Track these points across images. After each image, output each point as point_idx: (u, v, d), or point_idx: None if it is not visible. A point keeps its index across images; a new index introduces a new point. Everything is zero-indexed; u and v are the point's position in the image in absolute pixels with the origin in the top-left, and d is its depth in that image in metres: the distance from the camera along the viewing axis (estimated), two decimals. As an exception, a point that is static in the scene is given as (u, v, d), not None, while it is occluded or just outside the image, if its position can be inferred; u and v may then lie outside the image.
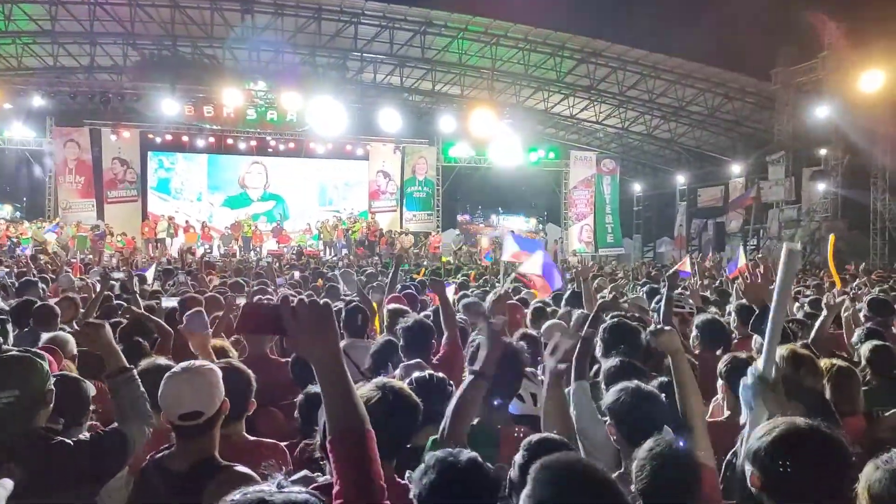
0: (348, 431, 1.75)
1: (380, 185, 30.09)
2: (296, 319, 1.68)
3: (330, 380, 1.78)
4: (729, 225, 31.34)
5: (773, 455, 1.91)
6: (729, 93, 28.29)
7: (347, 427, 1.75)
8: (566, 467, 1.57)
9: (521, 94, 30.10)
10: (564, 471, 1.57)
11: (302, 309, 1.69)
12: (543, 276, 8.60)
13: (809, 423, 1.97)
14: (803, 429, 1.93)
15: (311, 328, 1.70)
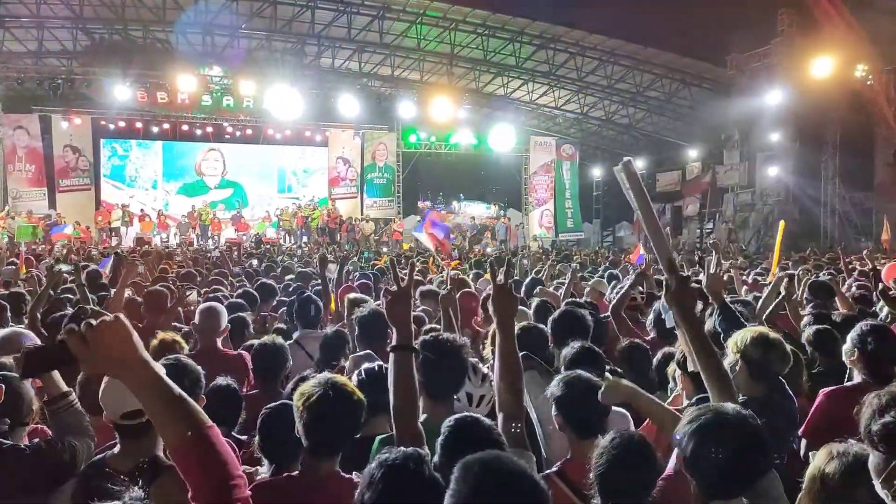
0: (186, 441, 1.63)
1: (339, 171, 29.84)
2: (87, 346, 1.55)
3: (147, 394, 1.65)
4: (686, 209, 31.82)
5: (695, 441, 1.94)
6: (685, 78, 28.63)
7: (184, 436, 1.63)
8: (488, 466, 1.55)
9: (481, 79, 30.07)
10: (486, 470, 1.54)
11: (91, 334, 1.56)
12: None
13: (736, 411, 2.02)
14: (728, 419, 1.97)
15: (105, 350, 1.58)
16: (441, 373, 2.98)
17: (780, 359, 3.16)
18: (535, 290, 7.34)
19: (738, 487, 1.93)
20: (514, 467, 1.55)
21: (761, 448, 1.94)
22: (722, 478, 1.92)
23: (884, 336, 3.67)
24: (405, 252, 20.86)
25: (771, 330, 3.40)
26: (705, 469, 1.93)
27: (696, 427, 1.95)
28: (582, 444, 2.81)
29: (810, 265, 11.42)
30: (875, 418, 1.74)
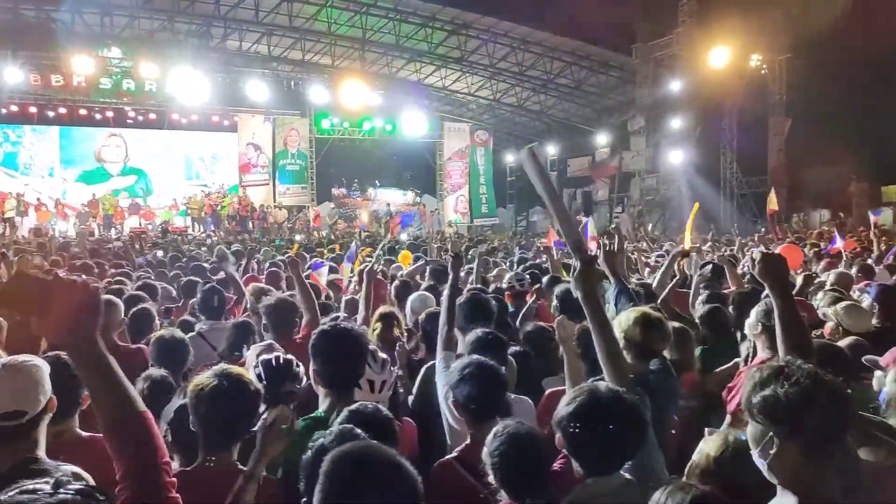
0: (121, 421, 1.66)
1: (250, 157, 29.10)
2: (51, 301, 1.50)
3: (88, 370, 1.65)
4: (596, 194, 32.69)
5: (572, 422, 2.00)
6: (594, 66, 29.30)
7: (119, 416, 1.66)
8: (357, 458, 1.53)
9: (394, 64, 29.89)
10: (355, 461, 1.53)
11: (61, 290, 1.52)
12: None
13: (610, 390, 2.10)
14: (602, 396, 2.05)
15: (65, 312, 1.53)
16: (340, 362, 2.97)
17: (660, 338, 3.29)
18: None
19: (615, 463, 2.01)
20: (386, 459, 1.54)
21: (635, 424, 2.02)
22: (599, 454, 1.99)
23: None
24: (323, 240, 20.59)
25: (652, 310, 3.54)
26: (583, 447, 2.00)
27: (573, 408, 2.02)
28: (479, 428, 2.86)
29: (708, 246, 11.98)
30: (755, 391, 1.82)
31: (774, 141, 26.57)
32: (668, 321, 3.93)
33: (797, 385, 1.76)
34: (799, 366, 1.83)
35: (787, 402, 1.76)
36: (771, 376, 1.81)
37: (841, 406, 1.80)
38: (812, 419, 1.75)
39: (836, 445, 1.81)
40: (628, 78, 29.05)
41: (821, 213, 26.81)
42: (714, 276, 6.45)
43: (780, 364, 1.85)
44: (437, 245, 14.52)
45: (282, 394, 3.09)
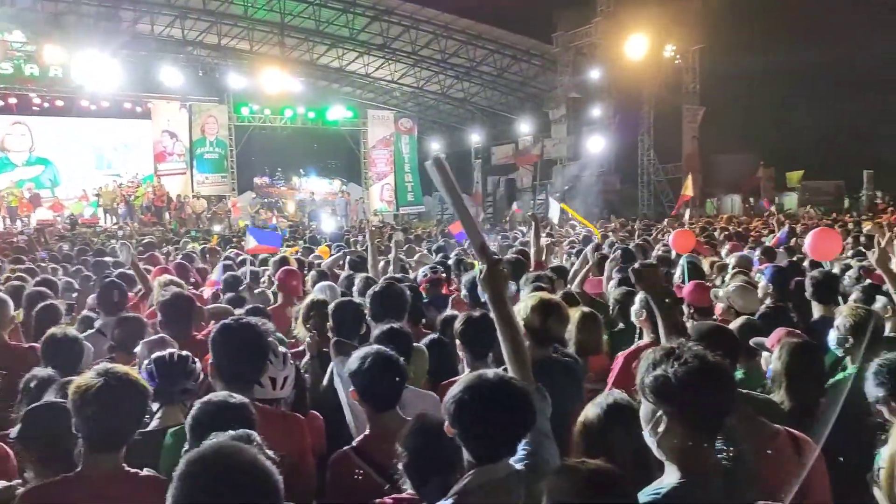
0: None
1: (165, 146, 28.06)
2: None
3: None
4: (520, 181, 33.07)
5: (461, 407, 2.01)
6: (516, 54, 29.57)
7: None
8: (216, 461, 1.47)
9: (315, 50, 29.37)
10: (213, 465, 1.47)
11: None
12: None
13: (498, 376, 2.12)
14: (490, 382, 2.06)
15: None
16: (240, 357, 2.90)
17: (558, 322, 3.34)
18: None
19: (502, 450, 2.02)
20: (241, 459, 1.49)
21: (523, 410, 2.03)
22: (486, 441, 2.00)
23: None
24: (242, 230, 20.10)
25: (552, 296, 3.59)
26: (471, 433, 2.00)
27: (461, 393, 2.02)
28: (379, 418, 2.84)
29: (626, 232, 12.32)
30: (648, 371, 1.88)
31: (688, 129, 27.46)
32: (573, 306, 4.02)
33: (685, 366, 1.82)
34: (689, 348, 1.89)
35: (675, 383, 1.82)
36: (662, 357, 1.87)
37: (725, 387, 1.87)
38: (698, 399, 1.82)
39: (720, 424, 1.88)
40: (550, 66, 29.44)
41: (732, 199, 27.95)
42: (625, 260, 6.61)
43: (671, 346, 1.91)
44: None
45: (176, 392, 3.00)
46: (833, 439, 2.31)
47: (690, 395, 1.82)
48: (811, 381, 3.09)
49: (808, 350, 3.15)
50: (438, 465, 2.28)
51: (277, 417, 2.99)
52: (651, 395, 1.88)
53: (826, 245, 5.60)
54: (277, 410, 3.04)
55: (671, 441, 1.85)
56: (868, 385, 2.71)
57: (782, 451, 2.34)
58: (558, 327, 3.36)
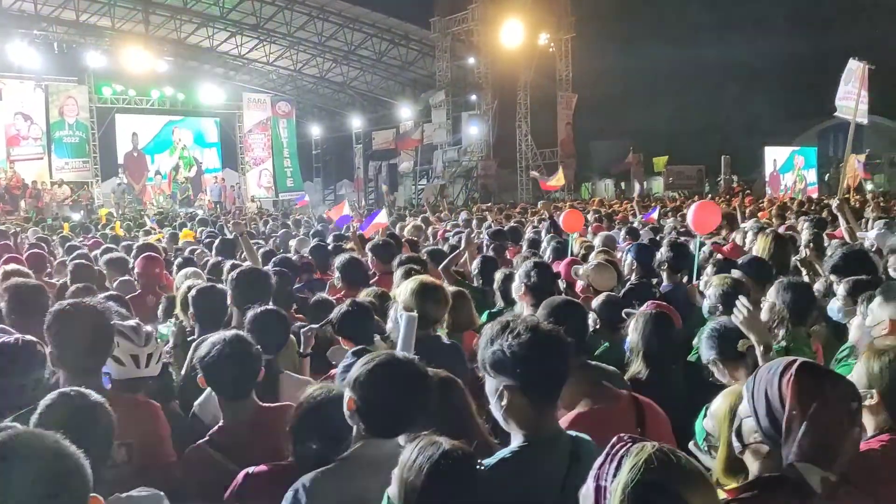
0: None
1: (19, 129, 25.92)
2: None
3: None
4: (401, 166, 33.07)
5: (366, 383, 2.03)
6: (395, 39, 29.46)
7: None
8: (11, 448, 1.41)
9: (183, 29, 28.02)
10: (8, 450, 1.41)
11: None
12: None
13: (405, 356, 2.18)
14: (396, 361, 2.11)
15: None
16: (80, 344, 2.72)
17: (437, 304, 3.38)
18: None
19: (398, 428, 2.03)
20: (44, 446, 1.43)
21: (424, 392, 2.05)
22: (386, 418, 2.04)
23: (541, 269, 4.03)
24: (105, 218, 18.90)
25: (431, 278, 3.61)
26: (372, 409, 2.03)
27: (368, 369, 2.05)
28: (232, 407, 2.74)
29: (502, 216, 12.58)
30: (486, 347, 1.89)
31: (563, 115, 28.35)
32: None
33: (518, 339, 1.84)
34: (523, 320, 1.91)
35: (510, 356, 1.83)
36: (498, 332, 1.89)
37: (559, 355, 1.91)
38: (533, 370, 1.84)
39: (558, 391, 1.92)
40: (428, 51, 29.54)
41: (605, 183, 29.17)
42: (496, 238, 6.75)
43: (507, 320, 1.93)
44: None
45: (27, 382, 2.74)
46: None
47: (525, 367, 1.85)
48: (665, 350, 3.24)
49: (662, 320, 3.30)
50: (319, 433, 2.26)
51: (130, 405, 2.81)
52: (491, 369, 1.90)
53: (707, 218, 5.93)
54: (130, 398, 2.86)
55: (515, 412, 1.88)
56: (702, 347, 2.88)
57: (624, 412, 2.44)
58: (436, 309, 3.39)
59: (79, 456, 1.46)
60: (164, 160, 29.75)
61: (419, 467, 1.72)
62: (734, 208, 11.89)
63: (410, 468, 1.73)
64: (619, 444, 1.40)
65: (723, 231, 7.69)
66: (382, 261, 6.13)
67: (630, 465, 1.33)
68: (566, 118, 28.18)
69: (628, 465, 1.33)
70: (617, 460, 1.37)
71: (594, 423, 2.20)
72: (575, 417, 2.38)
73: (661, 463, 1.32)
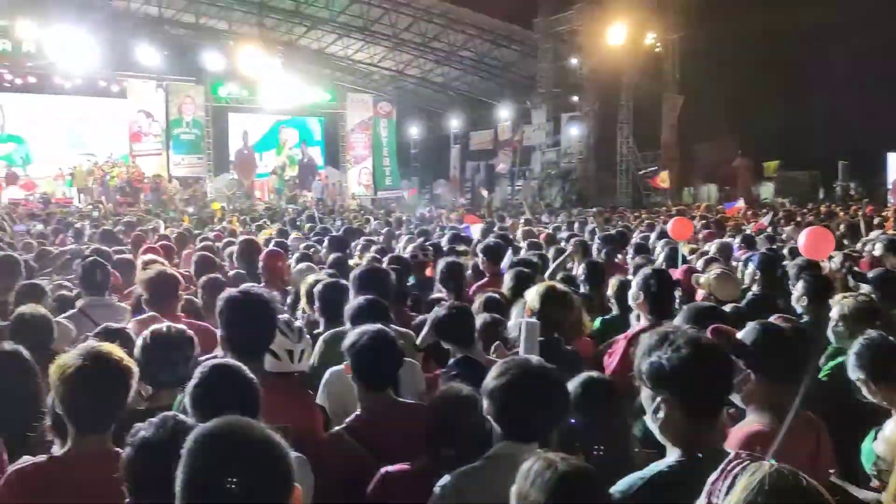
0: None
1: (141, 125, 27.61)
2: None
3: None
4: (498, 167, 33.07)
5: (501, 390, 2.07)
6: (496, 39, 29.42)
7: None
8: (225, 435, 1.43)
9: (294, 31, 29.02)
10: (222, 439, 1.43)
11: None
12: None
13: (541, 365, 2.19)
14: (532, 368, 2.13)
15: None
16: (250, 327, 2.89)
17: (563, 309, 3.41)
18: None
19: (538, 432, 2.06)
20: (253, 435, 1.45)
21: (562, 397, 2.07)
22: (524, 425, 2.08)
23: (663, 278, 3.94)
24: (214, 212, 19.86)
25: (559, 284, 3.63)
26: (510, 416, 2.08)
27: (507, 379, 2.09)
28: (371, 398, 2.82)
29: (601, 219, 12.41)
30: (643, 358, 1.88)
31: (667, 117, 27.58)
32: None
33: (678, 352, 1.82)
34: (683, 332, 1.88)
35: (669, 369, 1.81)
36: (657, 343, 1.87)
37: (721, 370, 1.87)
38: (693, 385, 1.81)
39: (720, 406, 1.89)
40: (530, 52, 29.37)
41: (709, 188, 28.18)
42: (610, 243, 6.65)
43: (665, 331, 1.91)
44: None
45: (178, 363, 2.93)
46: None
47: (685, 382, 1.82)
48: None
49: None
50: (455, 432, 2.31)
51: (288, 392, 2.98)
52: (648, 381, 1.88)
53: (820, 244, 5.62)
54: (289, 385, 3.01)
55: (671, 426, 1.86)
56: (849, 365, 2.74)
57: (803, 431, 2.33)
58: (563, 314, 3.42)
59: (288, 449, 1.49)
60: (271, 158, 30.98)
61: (538, 487, 1.71)
62: (853, 215, 11.27)
63: (528, 485, 1.73)
64: (735, 460, 1.37)
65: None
66: (493, 262, 6.17)
67: (744, 485, 1.29)
68: (671, 120, 27.39)
69: (742, 484, 1.30)
70: (731, 478, 1.34)
71: (771, 442, 2.12)
72: (750, 435, 2.27)
73: (777, 485, 1.27)
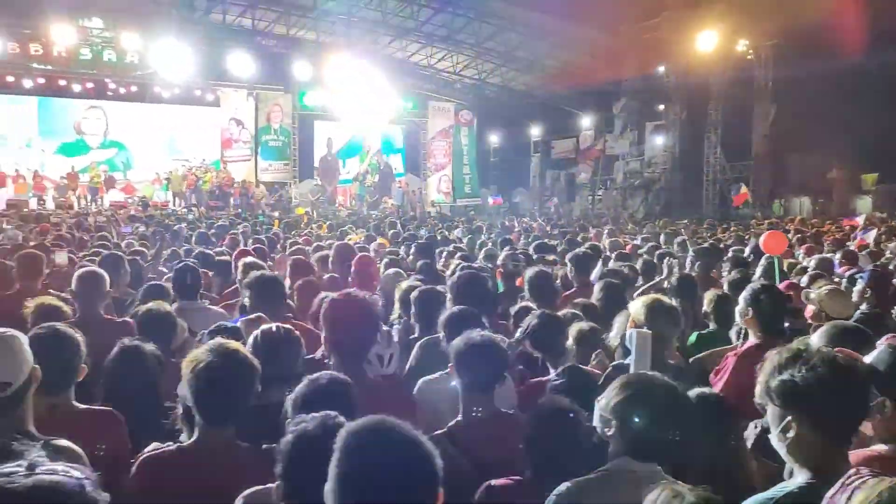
0: None
1: (232, 133, 28.74)
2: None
3: None
4: (579, 176, 32.74)
5: (627, 409, 2.06)
6: (580, 48, 29.16)
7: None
8: (374, 431, 1.50)
9: (379, 41, 29.58)
10: (373, 436, 1.49)
11: None
12: None
13: (664, 380, 2.18)
14: (659, 384, 2.12)
15: None
16: (354, 330, 2.98)
17: (671, 324, 3.39)
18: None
19: (661, 453, 2.05)
20: (405, 435, 1.50)
21: (687, 417, 2.07)
22: (647, 443, 2.05)
23: (774, 294, 3.82)
24: (299, 217, 20.43)
25: (664, 297, 3.57)
26: (632, 434, 2.05)
27: (627, 393, 2.08)
28: (473, 401, 2.85)
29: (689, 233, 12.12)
30: (773, 375, 1.85)
31: (759, 127, 26.69)
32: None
33: (813, 370, 1.77)
34: (818, 350, 1.84)
35: (803, 387, 1.77)
36: (789, 360, 1.83)
37: (858, 391, 1.81)
38: (828, 405, 1.77)
39: (855, 428, 1.83)
40: (614, 61, 28.96)
41: (801, 200, 27.08)
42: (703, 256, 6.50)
43: (798, 348, 1.86)
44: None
45: (286, 362, 3.06)
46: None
47: (820, 401, 1.77)
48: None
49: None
50: (559, 449, 2.31)
51: (392, 392, 3.09)
52: (778, 399, 1.84)
53: None
54: (392, 385, 3.11)
55: (802, 446, 1.81)
56: None
57: None
58: (670, 328, 3.39)
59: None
60: (354, 165, 31.65)
61: None
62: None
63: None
64: (855, 475, 1.33)
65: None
66: (582, 272, 6.12)
67: (861, 498, 1.26)
68: (763, 129, 26.48)
69: (859, 497, 1.27)
70: (850, 491, 1.30)
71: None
72: (871, 456, 2.18)
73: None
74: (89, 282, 4.56)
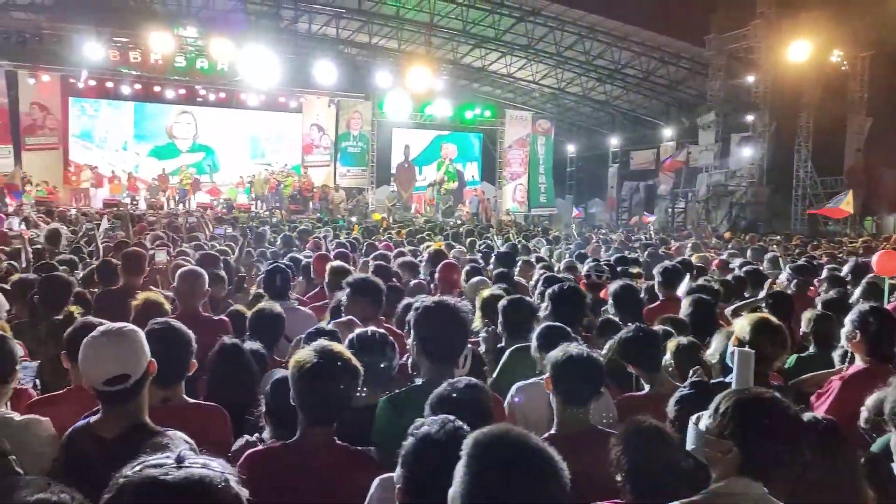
0: None
1: (313, 138, 29.44)
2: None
3: None
4: (659, 188, 32.05)
5: (744, 423, 2.02)
6: (664, 57, 28.64)
7: None
8: (505, 443, 1.52)
9: (459, 50, 29.77)
10: (502, 446, 1.52)
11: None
12: None
13: (772, 395, 2.12)
14: (768, 401, 2.06)
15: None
16: (447, 335, 3.00)
17: (775, 344, 3.27)
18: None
19: (775, 472, 2.00)
20: (533, 446, 1.53)
21: (800, 435, 2.01)
22: (764, 460, 1.99)
23: (884, 316, 3.62)
24: (376, 223, 20.71)
25: (772, 317, 3.46)
26: (752, 451, 1.99)
27: (743, 410, 2.04)
28: (568, 414, 2.82)
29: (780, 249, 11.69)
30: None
31: (853, 140, 25.55)
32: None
33: None
34: None
35: None
36: None
37: None
38: None
39: None
40: (699, 70, 28.33)
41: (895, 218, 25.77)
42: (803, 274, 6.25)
43: None
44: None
45: (379, 367, 3.11)
46: None
47: None
48: None
49: None
50: (661, 470, 2.26)
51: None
52: None
53: None
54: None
55: None
56: None
57: None
58: (775, 349, 3.29)
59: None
60: (431, 172, 31.92)
61: None
62: None
63: None
64: None
65: None
66: (669, 286, 6.00)
67: None
68: (857, 143, 25.35)
69: None
70: None
71: None
72: None
73: None
74: (190, 280, 4.75)
